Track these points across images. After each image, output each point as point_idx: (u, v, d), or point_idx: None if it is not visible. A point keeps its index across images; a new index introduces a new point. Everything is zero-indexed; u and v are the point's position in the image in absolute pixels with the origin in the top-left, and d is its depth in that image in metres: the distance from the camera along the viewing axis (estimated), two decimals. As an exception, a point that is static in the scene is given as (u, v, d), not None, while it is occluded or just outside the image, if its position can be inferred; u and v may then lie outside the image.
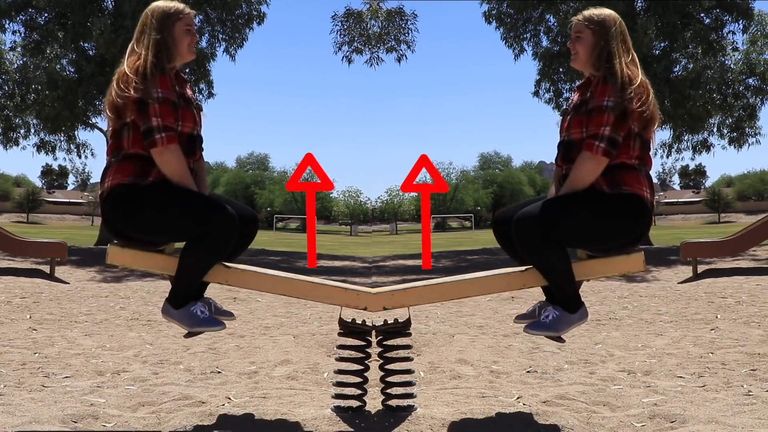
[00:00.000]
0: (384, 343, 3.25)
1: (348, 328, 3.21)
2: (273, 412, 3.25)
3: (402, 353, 3.34)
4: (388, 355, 3.26)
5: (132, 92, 2.82)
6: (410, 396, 3.26)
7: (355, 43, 21.62)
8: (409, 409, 3.21)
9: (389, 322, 3.23)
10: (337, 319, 3.31)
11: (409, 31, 22.16)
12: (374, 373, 3.30)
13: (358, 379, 3.26)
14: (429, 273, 13.92)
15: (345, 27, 21.69)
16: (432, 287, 3.13)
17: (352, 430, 3.01)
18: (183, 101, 2.99)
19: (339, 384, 3.28)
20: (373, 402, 3.36)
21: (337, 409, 3.23)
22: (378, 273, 13.67)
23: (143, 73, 2.85)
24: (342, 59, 21.67)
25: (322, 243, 29.03)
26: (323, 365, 4.46)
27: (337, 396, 3.27)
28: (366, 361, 3.26)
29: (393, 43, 21.93)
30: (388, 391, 3.24)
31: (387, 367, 3.24)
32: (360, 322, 3.22)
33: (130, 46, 3.01)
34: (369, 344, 3.25)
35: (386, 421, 3.11)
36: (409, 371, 3.30)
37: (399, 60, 22.03)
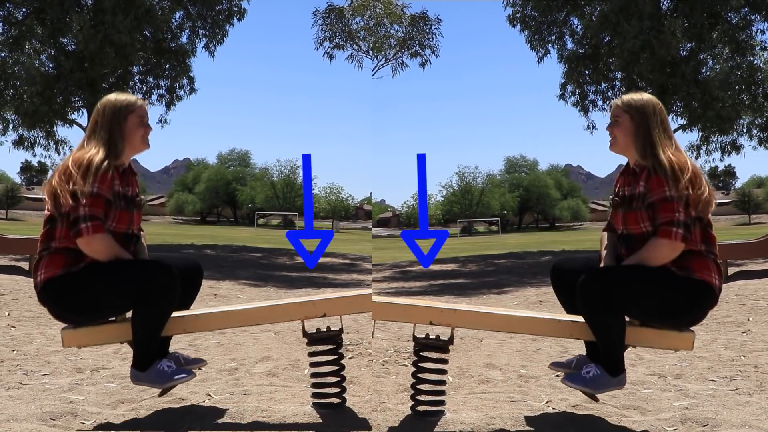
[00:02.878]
0: (420, 353, 3.26)
1: (313, 338, 3.25)
2: (253, 409, 3.28)
3: (438, 366, 3.34)
4: (424, 365, 3.27)
5: (71, 186, 2.88)
6: (441, 403, 3.26)
7: (337, 39, 21.69)
8: (439, 414, 3.22)
9: (431, 336, 3.24)
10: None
11: (434, 36, 22.19)
12: (402, 378, 3.30)
13: (336, 379, 3.29)
14: (455, 277, 13.89)
15: (326, 23, 21.76)
16: (482, 315, 3.15)
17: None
18: (123, 202, 3.03)
19: (316, 386, 3.31)
20: (402, 407, 3.38)
21: (318, 406, 3.27)
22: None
23: (85, 170, 2.89)
24: (323, 55, 21.79)
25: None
26: (304, 361, 4.45)
27: (315, 396, 3.30)
28: (340, 362, 3.29)
29: (417, 48, 21.97)
30: (418, 397, 3.25)
31: (419, 375, 3.25)
32: (325, 329, 3.25)
33: (83, 138, 3.09)
34: (340, 346, 3.28)
35: (416, 425, 3.12)
36: (442, 382, 3.30)
37: (423, 65, 22.08)
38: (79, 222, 2.88)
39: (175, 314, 3.08)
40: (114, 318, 3.08)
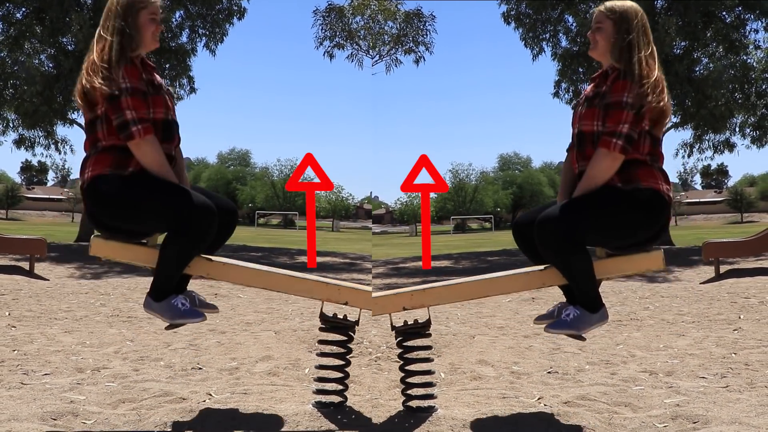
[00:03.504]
0: (404, 344, 3.26)
1: (329, 323, 3.24)
2: (254, 408, 3.27)
3: (422, 354, 3.35)
4: (409, 355, 3.27)
5: (100, 81, 2.86)
6: (431, 397, 3.27)
7: (337, 38, 21.70)
8: (430, 410, 3.22)
9: (409, 323, 3.24)
10: (318, 314, 3.31)
11: (428, 33, 22.18)
12: (395, 374, 3.30)
13: (340, 375, 3.28)
14: (448, 274, 13.91)
15: (326, 22, 21.76)
16: (451, 287, 3.14)
17: (362, 429, 3.03)
18: (152, 88, 3.03)
19: (320, 380, 3.31)
20: (394, 403, 3.38)
21: (318, 405, 3.26)
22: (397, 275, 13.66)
23: (109, 60, 2.88)
24: (324, 54, 21.81)
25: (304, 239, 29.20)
26: (304, 361, 4.47)
27: (318, 391, 3.30)
28: (348, 356, 3.28)
29: (411, 44, 21.96)
30: (409, 392, 3.25)
31: (407, 368, 3.25)
32: (342, 317, 3.24)
33: (97, 32, 3.04)
34: (351, 339, 3.28)
35: (407, 421, 3.12)
36: (429, 372, 3.30)
37: (417, 62, 22.06)
38: (129, 125, 2.87)
39: (203, 255, 3.06)
40: (145, 241, 3.08)
